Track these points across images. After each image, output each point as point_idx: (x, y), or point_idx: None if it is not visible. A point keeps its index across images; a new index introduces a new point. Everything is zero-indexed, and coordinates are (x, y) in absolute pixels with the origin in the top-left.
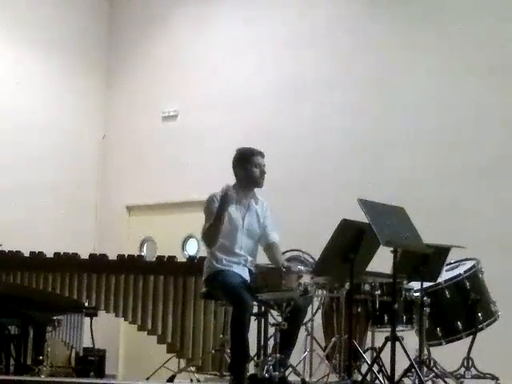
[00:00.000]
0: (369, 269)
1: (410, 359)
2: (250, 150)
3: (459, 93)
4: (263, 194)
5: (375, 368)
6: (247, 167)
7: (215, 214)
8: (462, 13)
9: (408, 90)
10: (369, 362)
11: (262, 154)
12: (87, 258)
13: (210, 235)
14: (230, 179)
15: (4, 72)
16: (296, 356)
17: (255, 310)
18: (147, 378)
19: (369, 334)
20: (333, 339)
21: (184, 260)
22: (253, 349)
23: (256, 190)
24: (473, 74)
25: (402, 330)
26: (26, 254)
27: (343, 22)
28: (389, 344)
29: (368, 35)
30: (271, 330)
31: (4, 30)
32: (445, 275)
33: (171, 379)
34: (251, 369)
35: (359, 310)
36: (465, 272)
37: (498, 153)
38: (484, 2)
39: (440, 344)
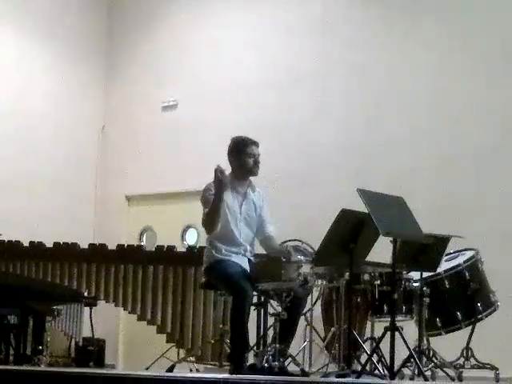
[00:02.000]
0: (368, 259)
1: (409, 349)
2: (243, 139)
3: (458, 84)
4: (262, 184)
5: (375, 358)
6: (241, 157)
7: (213, 197)
8: (462, 6)
9: (407, 79)
10: (368, 352)
11: (256, 144)
12: (87, 247)
13: (210, 219)
14: (230, 168)
15: (5, 62)
16: (295, 346)
17: (255, 299)
18: (147, 368)
19: (368, 323)
20: (332, 329)
21: (183, 250)
22: (252, 339)
23: (254, 179)
24: (472, 66)
25: (402, 320)
26: (26, 244)
27: (341, 12)
28: (388, 334)
29: (366, 26)
30: (271, 320)
31: (5, 20)
32: (444, 265)
33: (171, 369)
34: (251, 359)
35: (359, 300)
36: (464, 262)
37: (497, 144)
38: None
39: (439, 334)
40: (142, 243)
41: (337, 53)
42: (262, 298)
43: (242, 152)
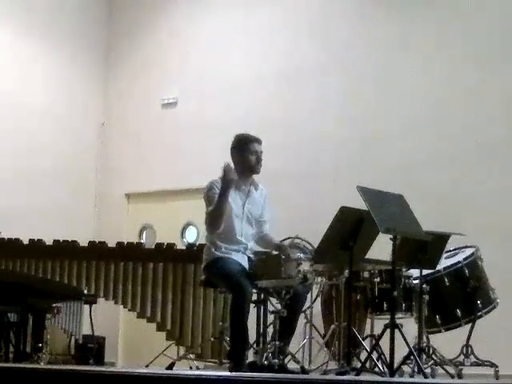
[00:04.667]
0: (368, 256)
1: (409, 347)
2: (246, 136)
3: (458, 78)
4: (262, 182)
5: (374, 355)
6: (243, 154)
7: (218, 195)
8: (461, 1)
9: (406, 75)
10: (368, 350)
11: (258, 141)
12: (86, 245)
13: (214, 218)
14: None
15: (3, 58)
16: (295, 343)
17: (254, 297)
18: (146, 366)
19: (368, 321)
20: (332, 326)
21: (183, 247)
22: (252, 336)
23: (255, 176)
24: (471, 58)
25: (401, 318)
26: (26, 242)
27: (339, 8)
28: (388, 331)
29: (365, 22)
30: (270, 318)
31: (3, 15)
32: (444, 262)
33: (170, 367)
34: (250, 356)
35: (358, 297)
36: (464, 259)
37: (497, 140)
38: None
39: (439, 331)
40: (142, 241)
41: (334, 50)
42: (262, 296)
43: (244, 149)
